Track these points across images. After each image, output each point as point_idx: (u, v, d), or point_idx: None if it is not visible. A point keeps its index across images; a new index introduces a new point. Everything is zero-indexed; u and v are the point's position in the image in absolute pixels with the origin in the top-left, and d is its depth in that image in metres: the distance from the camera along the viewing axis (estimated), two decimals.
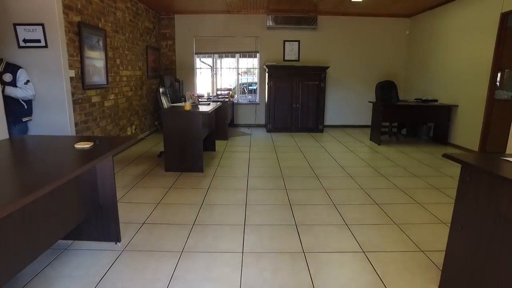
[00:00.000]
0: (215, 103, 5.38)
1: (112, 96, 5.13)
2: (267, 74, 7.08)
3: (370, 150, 5.69)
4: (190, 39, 7.74)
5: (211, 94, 7.48)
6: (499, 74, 5.36)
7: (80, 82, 4.20)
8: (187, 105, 4.14)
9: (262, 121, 8.03)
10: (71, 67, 3.97)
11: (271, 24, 7.42)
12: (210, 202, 3.28)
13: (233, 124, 7.98)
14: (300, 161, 4.87)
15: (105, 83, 4.88)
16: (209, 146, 5.44)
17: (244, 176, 4.12)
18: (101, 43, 4.70)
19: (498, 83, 5.42)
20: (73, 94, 4.00)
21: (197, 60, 7.98)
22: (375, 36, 7.80)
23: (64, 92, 3.78)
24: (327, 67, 7.11)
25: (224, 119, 6.24)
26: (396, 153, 5.51)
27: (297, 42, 7.68)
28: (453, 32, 6.14)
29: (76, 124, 4.06)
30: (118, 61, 5.37)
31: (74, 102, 4.03)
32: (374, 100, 6.78)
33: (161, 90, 4.85)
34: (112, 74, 5.16)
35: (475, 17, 5.56)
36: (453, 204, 1.84)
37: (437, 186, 3.86)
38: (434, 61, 6.73)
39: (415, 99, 6.78)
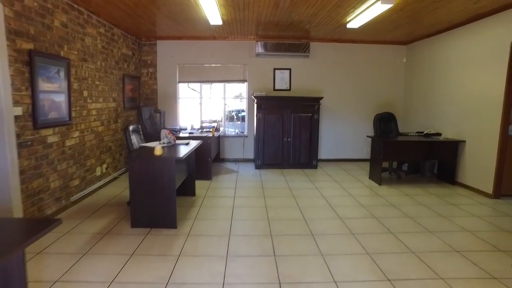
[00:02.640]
0: (196, 141, 4.73)
1: (76, 134, 4.46)
2: (255, 105, 6.50)
3: (370, 193, 5.04)
4: (173, 66, 7.19)
5: (194, 127, 6.85)
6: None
7: (31, 120, 3.52)
8: (158, 150, 3.47)
9: (250, 155, 7.38)
10: (17, 103, 3.31)
11: (260, 51, 6.93)
12: (178, 280, 2.56)
13: (219, 159, 7.32)
14: (292, 211, 4.19)
15: (67, 119, 4.22)
16: (188, 189, 4.76)
17: (225, 235, 3.42)
18: (62, 73, 4.07)
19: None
20: (19, 135, 3.32)
21: (183, 88, 7.39)
22: (371, 64, 7.35)
23: (4, 134, 3.10)
24: (321, 98, 6.57)
25: (207, 157, 5.58)
26: (400, 196, 4.87)
27: (288, 70, 7.17)
28: (455, 62, 5.67)
29: (22, 172, 3.36)
30: (85, 93, 4.73)
31: (20, 145, 3.34)
32: (371, 132, 6.22)
33: (130, 128, 4.20)
34: (78, 108, 4.51)
35: (482, 46, 5.10)
36: (487, 280, 1.17)
37: (457, 247, 3.20)
38: (435, 91, 6.24)
39: (416, 132, 6.24)
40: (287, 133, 6.52)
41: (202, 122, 7.19)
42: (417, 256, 3.00)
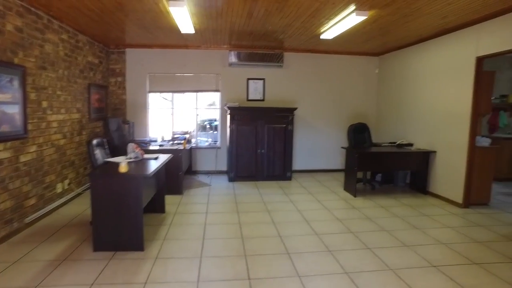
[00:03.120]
0: (165, 155, 4.49)
1: (33, 148, 4.09)
2: (228, 116, 6.33)
3: (346, 205, 4.98)
4: (143, 75, 6.91)
5: (165, 138, 6.58)
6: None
7: None
8: (123, 166, 3.22)
9: (223, 167, 7.18)
10: None
11: (233, 60, 6.79)
12: None
13: (191, 171, 7.06)
14: (266, 227, 4.03)
15: (22, 132, 3.86)
16: (158, 206, 4.49)
17: (197, 257, 3.20)
18: (16, 82, 3.73)
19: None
20: None
21: (153, 98, 7.12)
22: (344, 74, 7.40)
23: None
24: (295, 109, 6.50)
25: (177, 170, 5.33)
26: (375, 208, 4.84)
27: (262, 81, 7.08)
28: (425, 74, 5.79)
29: None
30: (45, 103, 4.38)
31: None
32: (345, 142, 6.22)
33: (94, 142, 3.90)
34: (35, 120, 4.15)
35: (449, 59, 5.22)
36: None
37: (434, 262, 3.15)
38: (407, 102, 6.35)
39: (389, 142, 6.30)
40: (261, 145, 6.39)
41: (173, 133, 6.92)
42: (396, 274, 2.91)
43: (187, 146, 5.71)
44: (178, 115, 7.30)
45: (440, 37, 5.40)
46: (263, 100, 7.11)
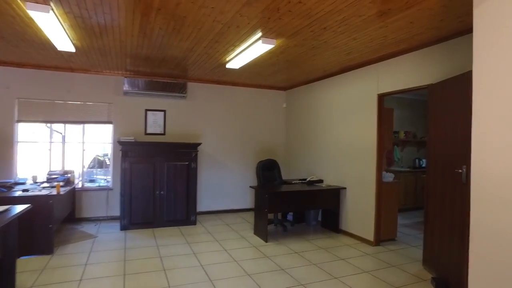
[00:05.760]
0: (24, 205, 3.33)
1: None
2: (121, 152, 5.35)
3: (257, 254, 4.36)
4: (9, 101, 5.52)
5: (38, 180, 5.24)
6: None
7: None
8: None
9: (117, 211, 5.98)
10: None
11: (129, 88, 5.91)
12: None
13: (74, 219, 5.73)
14: None
15: None
16: (3, 278, 3.23)
17: None
18: None
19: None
20: None
21: (27, 128, 5.72)
22: (252, 108, 7.10)
23: None
24: (199, 144, 5.85)
25: (46, 223, 4.10)
26: (288, 255, 4.33)
27: (163, 112, 6.30)
28: (332, 109, 5.77)
29: None
30: None
31: None
32: (254, 179, 5.75)
33: None
34: None
35: (354, 96, 5.26)
36: None
37: None
38: (314, 138, 6.25)
39: (299, 179, 6.03)
40: (160, 185, 5.49)
41: (49, 173, 5.56)
42: None
43: (62, 190, 4.51)
44: (63, 150, 5.99)
45: (345, 73, 5.45)
46: (163, 134, 6.30)
